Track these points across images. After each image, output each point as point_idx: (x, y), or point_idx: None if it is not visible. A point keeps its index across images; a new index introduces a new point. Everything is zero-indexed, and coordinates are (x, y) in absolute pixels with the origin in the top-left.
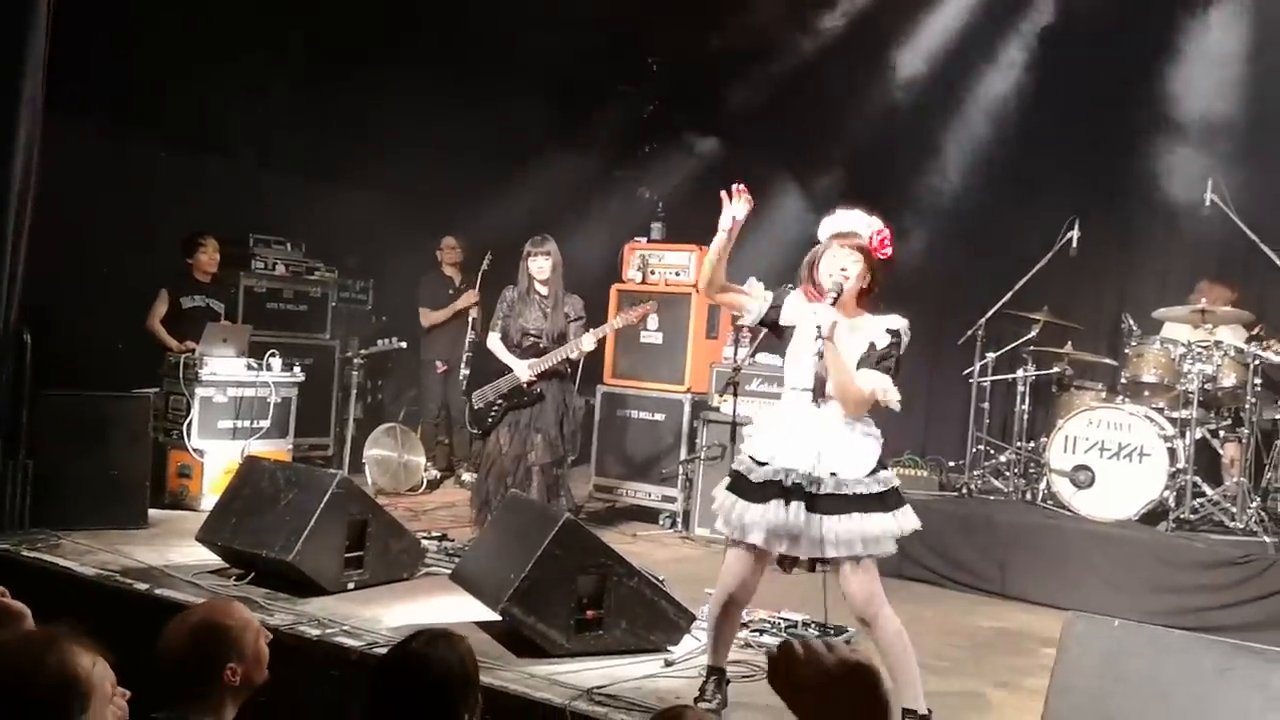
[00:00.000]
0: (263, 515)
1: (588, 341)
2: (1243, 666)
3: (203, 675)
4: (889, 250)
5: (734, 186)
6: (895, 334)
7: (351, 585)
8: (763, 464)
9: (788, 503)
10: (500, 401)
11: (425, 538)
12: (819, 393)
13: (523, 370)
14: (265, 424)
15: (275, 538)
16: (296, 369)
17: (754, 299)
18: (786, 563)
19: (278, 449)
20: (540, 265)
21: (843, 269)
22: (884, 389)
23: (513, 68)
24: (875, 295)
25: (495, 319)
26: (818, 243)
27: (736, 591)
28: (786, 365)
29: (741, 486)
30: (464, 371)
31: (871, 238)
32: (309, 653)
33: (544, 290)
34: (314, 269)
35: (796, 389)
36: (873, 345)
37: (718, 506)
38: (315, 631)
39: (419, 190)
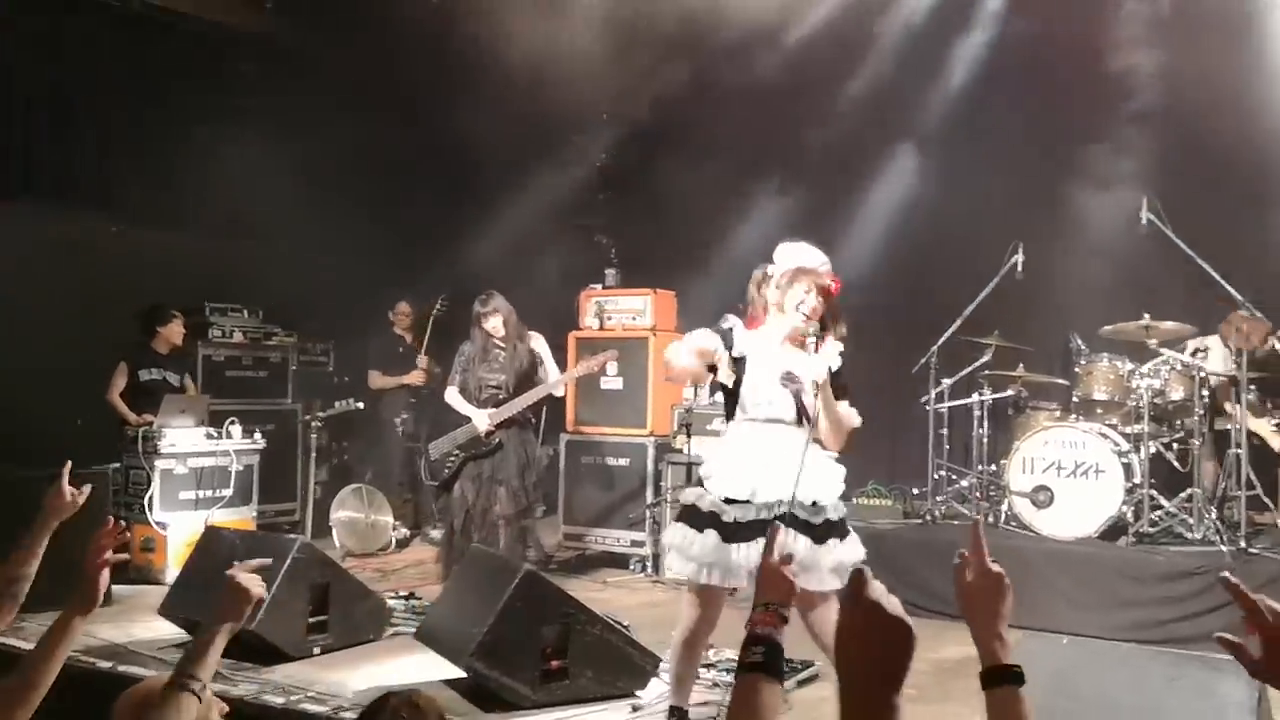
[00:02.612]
0: (223, 586)
1: (557, 387)
2: (1190, 675)
3: None
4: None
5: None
6: (842, 354)
7: (317, 650)
8: (737, 501)
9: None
10: (457, 453)
11: (392, 597)
12: (800, 421)
13: (482, 420)
14: (228, 493)
15: None
16: (257, 436)
17: (723, 366)
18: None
19: (242, 517)
20: (495, 324)
21: (812, 309)
22: (855, 415)
23: (458, 117)
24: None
25: (453, 373)
26: (767, 265)
27: (703, 633)
28: (746, 397)
29: (720, 527)
30: (399, 425)
31: (826, 275)
32: None
33: (501, 344)
34: (272, 334)
35: (771, 420)
36: (830, 370)
37: (679, 548)
38: (279, 700)
39: (374, 248)
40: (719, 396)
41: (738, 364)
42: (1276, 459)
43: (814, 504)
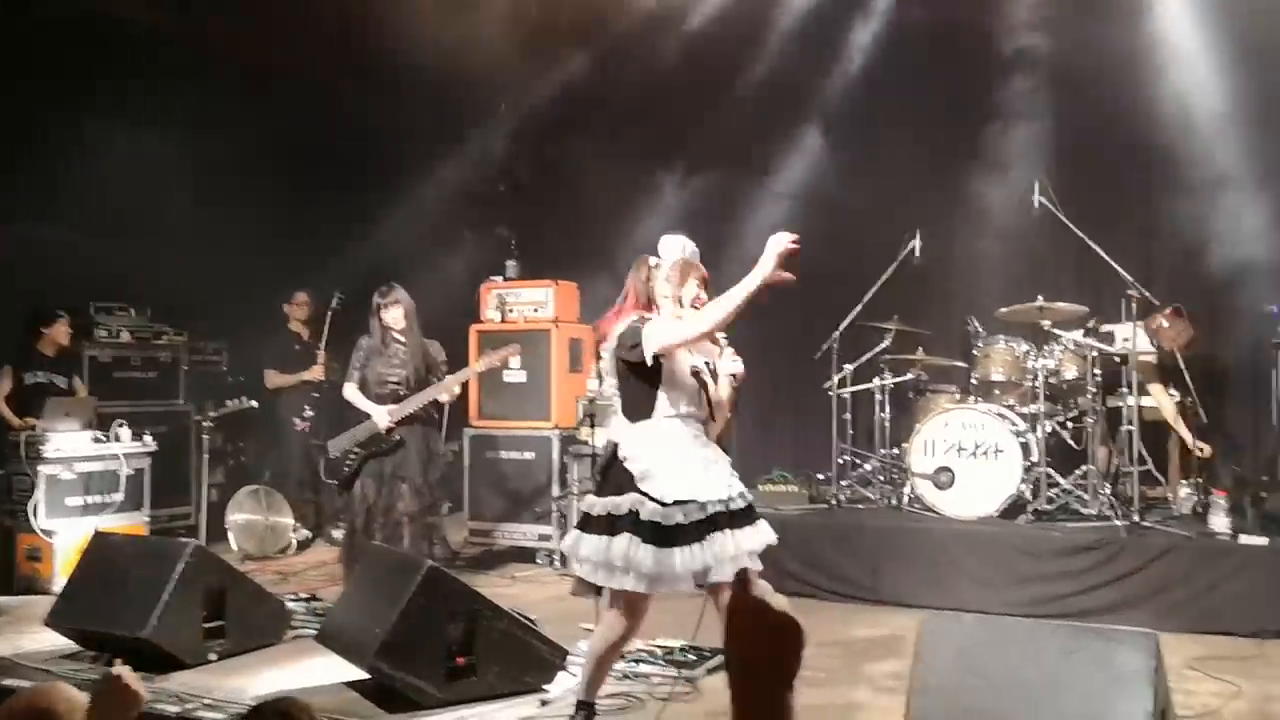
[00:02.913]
0: (113, 593)
1: (454, 385)
2: (1087, 647)
3: None
4: None
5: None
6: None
7: (214, 656)
8: (680, 503)
9: (721, 530)
10: (358, 450)
11: (293, 600)
12: (708, 415)
13: (382, 417)
14: (118, 497)
15: (127, 614)
16: (148, 438)
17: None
18: None
19: (133, 523)
20: (395, 315)
21: (700, 300)
22: None
23: (356, 112)
24: None
25: (351, 369)
26: (650, 257)
27: (628, 637)
28: (663, 394)
29: (655, 534)
30: (299, 423)
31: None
32: None
33: (401, 338)
34: (162, 333)
35: (690, 417)
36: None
37: (596, 560)
38: (174, 709)
39: (265, 247)
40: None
41: (656, 360)
42: (1167, 436)
43: (741, 495)
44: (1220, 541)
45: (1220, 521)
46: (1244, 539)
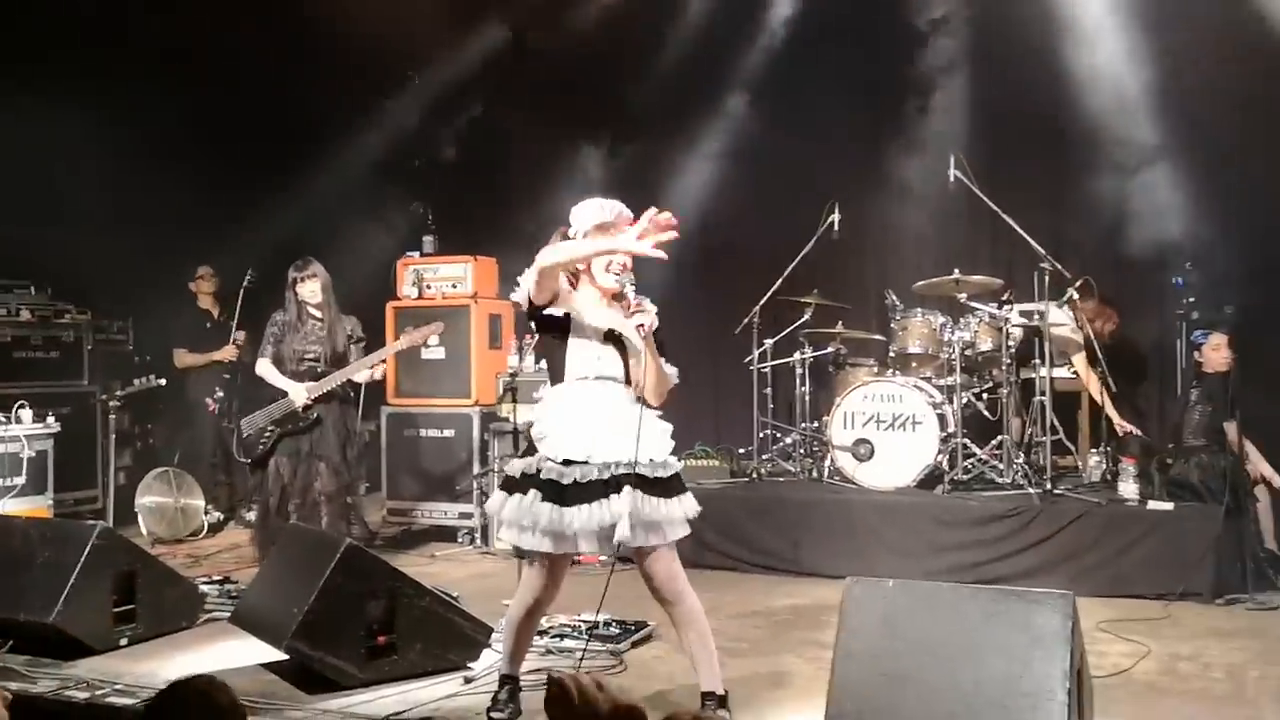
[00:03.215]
0: (16, 577)
1: (378, 369)
2: (1007, 610)
3: None
4: None
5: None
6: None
7: (124, 641)
8: (574, 463)
9: (620, 494)
10: (273, 428)
11: (206, 583)
12: (629, 379)
13: (300, 393)
14: (20, 480)
15: (32, 599)
16: (51, 419)
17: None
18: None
19: (36, 506)
20: (311, 289)
21: (623, 264)
22: (675, 373)
23: (260, 83)
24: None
25: (265, 344)
26: (565, 228)
27: (544, 601)
28: (572, 357)
29: (554, 492)
30: (211, 404)
31: (625, 224)
32: (77, 719)
33: (318, 313)
34: (64, 312)
35: (603, 378)
36: (656, 330)
37: (511, 520)
38: (83, 695)
39: (172, 222)
40: (544, 363)
41: (565, 324)
42: (1076, 406)
43: (651, 460)
44: (1129, 508)
45: (1129, 488)
46: (1151, 505)
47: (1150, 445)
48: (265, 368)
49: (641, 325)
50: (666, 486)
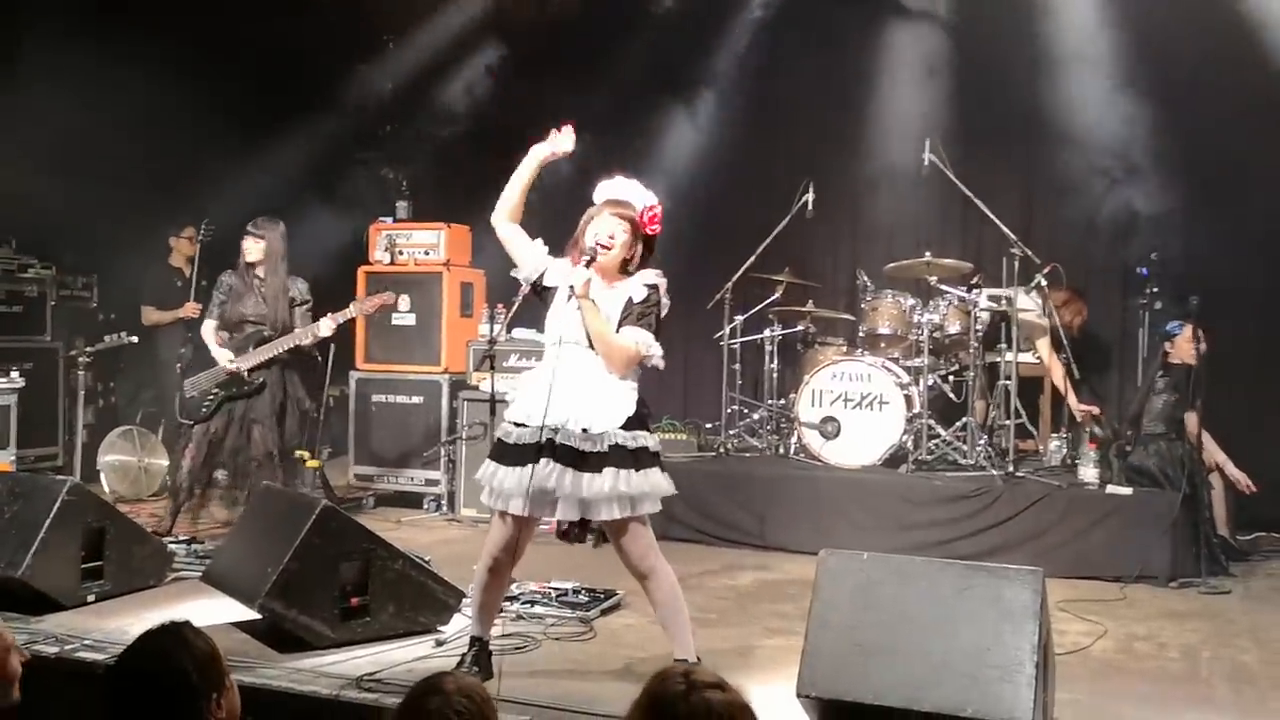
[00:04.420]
0: None
1: (325, 327)
2: (978, 585)
3: None
4: (658, 227)
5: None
6: (653, 288)
7: (91, 598)
8: (521, 426)
9: (545, 463)
10: (217, 390)
11: (173, 542)
12: (591, 344)
13: (224, 359)
14: None
15: (1, 553)
16: (14, 374)
17: (534, 251)
18: (571, 535)
19: None
20: (249, 247)
21: (610, 235)
22: (646, 344)
23: (240, 44)
24: (636, 268)
25: (212, 305)
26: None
27: (500, 559)
28: (548, 323)
29: (500, 451)
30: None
31: (643, 212)
32: (48, 673)
33: (260, 273)
34: (27, 266)
35: (567, 342)
36: (630, 301)
37: (481, 476)
38: (53, 649)
39: (142, 178)
40: (516, 333)
41: (546, 292)
42: (1039, 391)
43: (585, 431)
44: (1089, 491)
45: (1089, 472)
46: (1110, 489)
47: (1112, 428)
48: (208, 330)
49: (570, 288)
50: (591, 460)
